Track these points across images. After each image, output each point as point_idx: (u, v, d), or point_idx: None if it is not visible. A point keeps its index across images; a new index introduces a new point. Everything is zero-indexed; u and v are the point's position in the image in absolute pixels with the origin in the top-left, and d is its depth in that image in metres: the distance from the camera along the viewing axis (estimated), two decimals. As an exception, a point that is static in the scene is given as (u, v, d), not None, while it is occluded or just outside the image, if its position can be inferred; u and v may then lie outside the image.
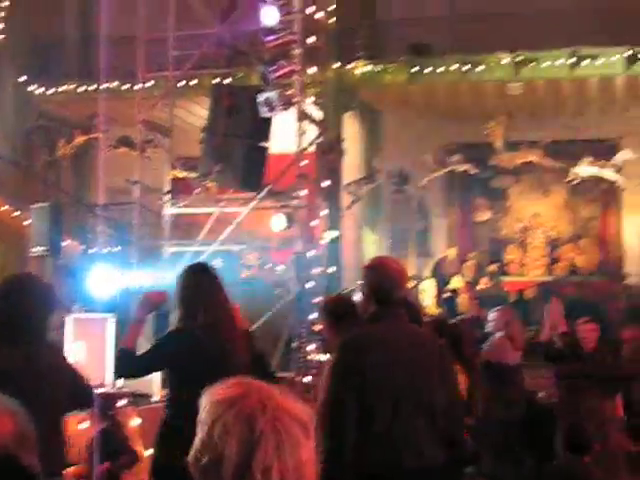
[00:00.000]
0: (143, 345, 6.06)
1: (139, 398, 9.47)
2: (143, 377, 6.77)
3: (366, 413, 4.81)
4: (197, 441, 2.40)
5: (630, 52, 18.97)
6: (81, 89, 19.78)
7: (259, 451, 2.29)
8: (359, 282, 6.60)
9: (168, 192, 13.65)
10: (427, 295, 19.09)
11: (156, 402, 9.23)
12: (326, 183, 15.76)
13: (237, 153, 12.44)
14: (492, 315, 11.83)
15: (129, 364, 5.85)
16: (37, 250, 11.51)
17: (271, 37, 12.65)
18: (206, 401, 2.46)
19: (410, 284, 15.75)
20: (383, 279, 5.40)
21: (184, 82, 15.92)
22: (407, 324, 5.54)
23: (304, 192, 13.02)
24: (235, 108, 12.61)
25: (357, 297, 18.12)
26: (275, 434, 2.32)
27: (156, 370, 5.95)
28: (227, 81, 14.61)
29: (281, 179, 13.15)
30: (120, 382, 9.25)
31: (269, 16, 12.59)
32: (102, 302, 9.89)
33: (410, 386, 5.04)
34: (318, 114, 15.42)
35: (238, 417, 2.34)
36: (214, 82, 14.60)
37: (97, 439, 6.03)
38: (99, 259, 13.19)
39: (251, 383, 2.50)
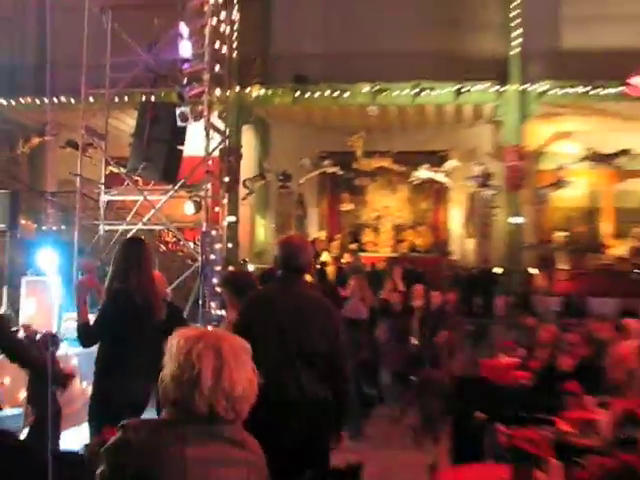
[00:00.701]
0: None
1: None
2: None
3: (257, 358, 4.84)
4: (172, 367, 2.65)
5: (458, 86, 19.43)
6: (37, 101, 19.61)
7: (224, 369, 2.62)
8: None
9: (103, 183, 13.60)
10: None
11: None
12: (227, 179, 15.99)
13: (158, 154, 12.52)
14: (350, 282, 12.10)
15: (89, 335, 5.77)
16: (-1, 227, 11.40)
17: (186, 65, 12.80)
18: (176, 340, 2.70)
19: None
20: (286, 251, 5.32)
21: (117, 98, 15.82)
22: (301, 287, 5.42)
23: (209, 185, 13.18)
24: (157, 119, 12.66)
25: (250, 267, 18.07)
26: (234, 357, 2.67)
27: (109, 331, 5.94)
28: (151, 98, 14.54)
29: (192, 175, 13.27)
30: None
31: (185, 49, 12.76)
32: (50, 268, 9.84)
33: (293, 336, 4.98)
34: (222, 126, 15.45)
35: (207, 347, 2.64)
36: (141, 99, 14.54)
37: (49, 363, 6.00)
38: (49, 235, 13.16)
39: (201, 328, 3.01)
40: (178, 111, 12.36)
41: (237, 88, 19.86)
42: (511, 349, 11.91)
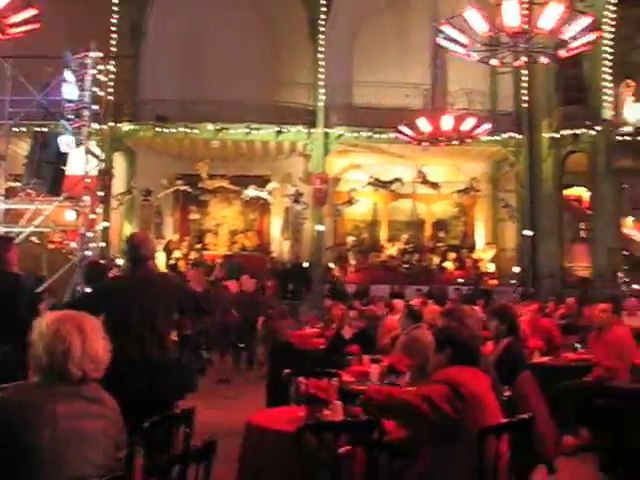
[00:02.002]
0: None
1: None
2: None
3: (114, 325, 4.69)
4: (43, 342, 2.66)
5: (278, 128, 20.01)
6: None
7: (87, 341, 2.68)
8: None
9: (2, 195, 13.34)
10: (160, 261, 19.17)
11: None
12: (101, 193, 15.89)
13: (46, 172, 12.16)
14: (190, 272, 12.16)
15: None
16: None
17: (70, 104, 12.67)
18: (45, 321, 2.72)
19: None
20: (131, 244, 5.13)
21: (17, 128, 15.35)
22: (147, 270, 5.10)
23: (88, 198, 13.09)
24: (46, 145, 12.43)
25: (119, 261, 17.87)
26: (92, 331, 2.74)
27: None
28: (42, 129, 14.27)
29: (74, 189, 13.04)
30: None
31: (70, 92, 12.63)
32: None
33: (139, 310, 4.78)
34: (98, 152, 15.42)
35: (72, 325, 2.70)
36: (34, 129, 14.23)
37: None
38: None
39: (63, 311, 2.89)
40: (62, 139, 12.29)
41: (111, 123, 19.59)
42: (313, 322, 12.18)
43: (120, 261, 17.66)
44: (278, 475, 3.85)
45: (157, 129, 20.14)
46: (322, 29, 21.05)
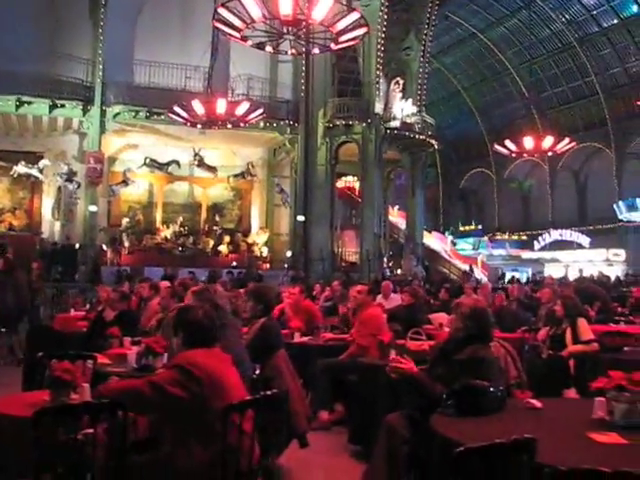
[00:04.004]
0: None
1: None
2: None
3: None
4: None
5: (51, 103, 19.10)
6: None
7: None
8: None
9: None
10: None
11: None
12: None
13: None
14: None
15: None
16: None
17: None
18: None
19: None
20: None
21: None
22: None
23: None
24: None
25: None
26: None
27: None
28: None
29: None
30: None
31: None
32: None
33: None
34: None
35: None
36: None
37: None
38: None
39: None
40: None
41: None
42: (80, 305, 11.70)
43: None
44: (14, 461, 3.65)
45: None
46: (104, 3, 20.22)
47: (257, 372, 4.97)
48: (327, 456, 5.86)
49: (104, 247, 20.22)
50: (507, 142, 20.13)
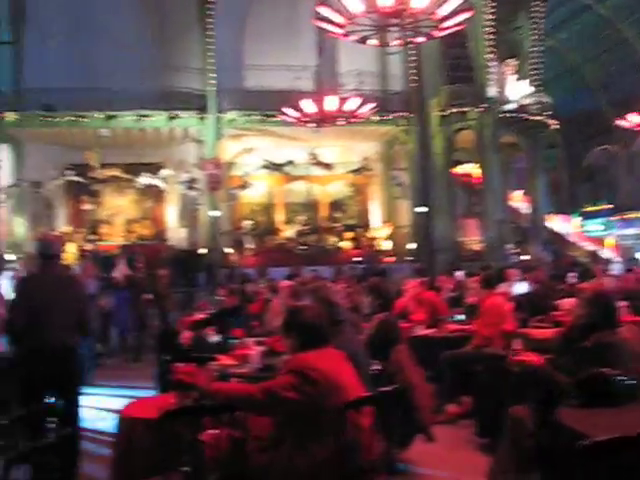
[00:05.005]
0: None
1: None
2: None
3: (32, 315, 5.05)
4: None
5: (168, 115, 19.78)
6: None
7: None
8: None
9: None
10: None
11: None
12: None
13: None
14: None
15: None
16: None
17: None
18: None
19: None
20: (42, 244, 5.46)
21: None
22: (55, 270, 5.48)
23: None
24: None
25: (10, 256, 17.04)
26: None
27: None
28: None
29: None
30: None
31: None
32: None
33: (54, 301, 5.14)
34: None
35: None
36: None
37: None
38: None
39: None
40: None
41: None
42: (204, 308, 11.69)
43: (10, 256, 17.09)
44: (145, 461, 3.82)
45: (44, 118, 19.43)
46: (212, 12, 20.71)
47: (376, 368, 4.93)
48: (454, 450, 5.79)
49: (228, 250, 20.66)
50: (632, 115, 19.21)
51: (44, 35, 20.13)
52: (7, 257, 16.92)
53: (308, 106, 14.59)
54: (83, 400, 5.34)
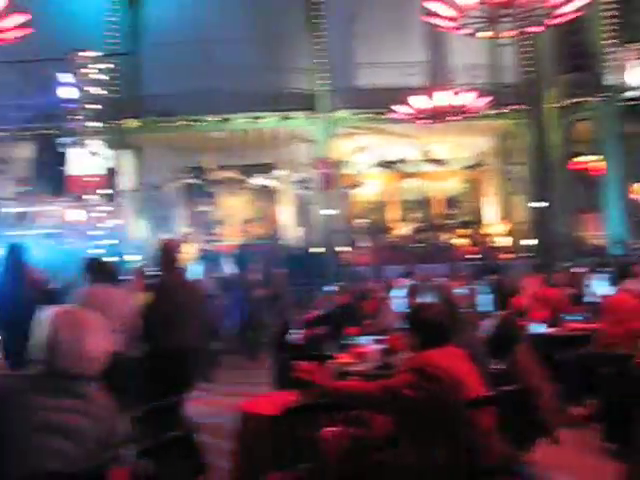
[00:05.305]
0: None
1: None
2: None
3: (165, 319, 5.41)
4: (41, 335, 2.67)
5: (281, 116, 19.98)
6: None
7: (79, 338, 2.67)
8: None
9: (13, 199, 13.40)
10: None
11: None
12: (109, 191, 15.87)
13: (50, 174, 12.38)
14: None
15: None
16: None
17: (72, 105, 12.71)
18: (45, 314, 2.72)
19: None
20: (164, 252, 5.86)
21: (20, 132, 15.29)
22: (181, 273, 6.00)
23: (95, 197, 13.15)
24: (49, 147, 12.58)
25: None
26: (88, 331, 2.70)
27: None
28: (45, 132, 14.24)
29: (81, 188, 13.14)
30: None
31: (69, 92, 12.66)
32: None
33: (184, 305, 5.59)
34: (105, 151, 15.41)
35: (68, 321, 2.69)
36: (37, 132, 14.22)
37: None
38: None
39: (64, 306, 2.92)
40: (64, 140, 12.35)
41: (116, 121, 19.36)
42: (320, 306, 11.63)
43: (132, 258, 17.65)
44: (266, 456, 3.87)
45: (162, 124, 20.08)
46: (321, 13, 20.82)
47: (495, 367, 4.82)
48: (579, 454, 5.58)
49: (342, 249, 20.70)
50: None
51: (160, 43, 20.75)
52: (129, 258, 17.43)
53: (420, 102, 14.46)
54: (204, 396, 5.55)
